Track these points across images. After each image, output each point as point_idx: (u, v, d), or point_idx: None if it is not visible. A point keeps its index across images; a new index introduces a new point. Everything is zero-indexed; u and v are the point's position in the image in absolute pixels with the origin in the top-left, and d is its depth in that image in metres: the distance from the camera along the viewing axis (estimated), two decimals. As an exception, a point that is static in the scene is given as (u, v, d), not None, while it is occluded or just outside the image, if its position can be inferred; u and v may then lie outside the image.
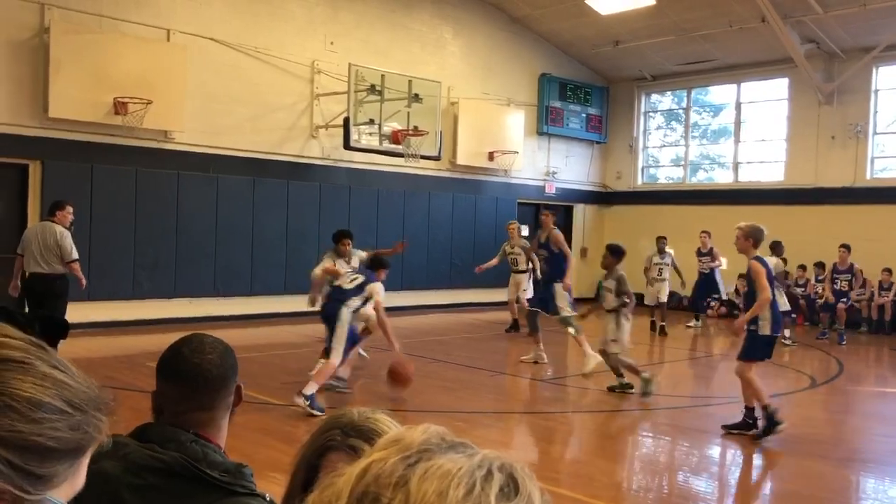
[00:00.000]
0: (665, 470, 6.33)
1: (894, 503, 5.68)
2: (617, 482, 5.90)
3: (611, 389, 8.38)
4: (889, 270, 14.85)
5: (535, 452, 6.52)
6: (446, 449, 0.59)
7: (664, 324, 13.58)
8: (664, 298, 13.88)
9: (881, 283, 14.90)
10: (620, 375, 8.36)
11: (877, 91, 16.03)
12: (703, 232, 14.87)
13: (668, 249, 14.20)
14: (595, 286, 17.66)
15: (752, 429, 6.77)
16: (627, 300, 8.25)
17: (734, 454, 6.91)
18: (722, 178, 18.74)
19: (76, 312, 10.25)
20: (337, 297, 7.56)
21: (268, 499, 1.69)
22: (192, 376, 1.81)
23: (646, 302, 13.80)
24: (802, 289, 15.84)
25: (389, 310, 13.58)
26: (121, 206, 12.05)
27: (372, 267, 7.94)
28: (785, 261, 13.37)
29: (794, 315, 15.67)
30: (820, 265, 15.57)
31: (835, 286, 13.75)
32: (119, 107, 11.58)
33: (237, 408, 1.98)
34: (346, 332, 7.31)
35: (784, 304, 13.05)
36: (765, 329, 6.71)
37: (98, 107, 11.50)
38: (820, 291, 15.53)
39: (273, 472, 4.12)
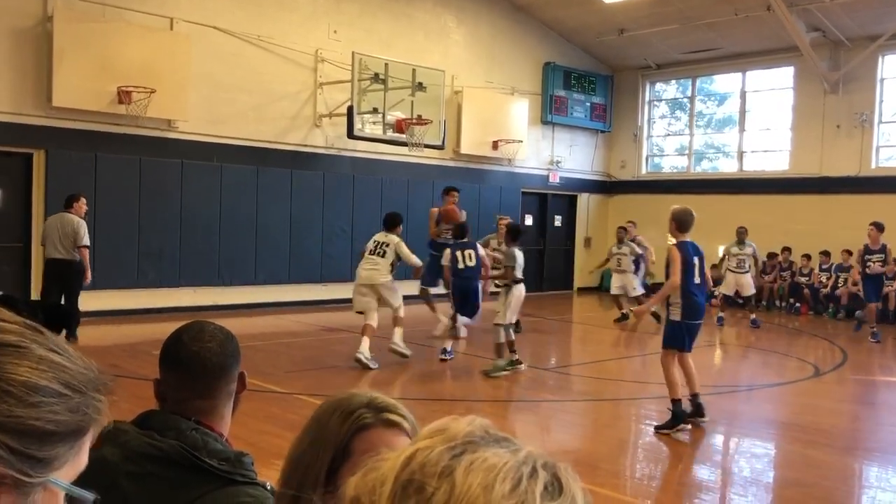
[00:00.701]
0: (667, 458, 6.34)
1: (897, 492, 5.69)
2: (619, 470, 5.92)
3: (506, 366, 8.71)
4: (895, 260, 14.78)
5: (535, 440, 6.54)
6: (490, 442, 0.59)
7: (624, 311, 13.33)
8: (615, 291, 13.55)
9: (885, 274, 14.84)
10: (512, 352, 8.74)
11: (882, 80, 15.94)
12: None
13: (630, 240, 13.82)
14: (598, 276, 17.67)
15: (700, 416, 6.73)
16: (507, 277, 8.84)
17: (737, 443, 6.92)
18: (726, 167, 18.69)
19: (80, 301, 10.29)
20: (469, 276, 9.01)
21: (268, 487, 1.69)
22: (192, 364, 1.80)
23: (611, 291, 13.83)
24: (806, 278, 15.83)
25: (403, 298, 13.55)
26: (125, 195, 12.06)
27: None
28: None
29: (798, 305, 15.70)
30: (825, 254, 15.55)
31: (866, 268, 12.48)
32: (123, 96, 11.57)
33: (241, 395, 1.97)
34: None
35: (731, 289, 13.33)
36: (674, 315, 6.60)
37: (102, 96, 11.50)
38: (824, 280, 15.54)
39: (277, 460, 4.13)
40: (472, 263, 8.92)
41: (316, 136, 14.29)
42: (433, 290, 10.74)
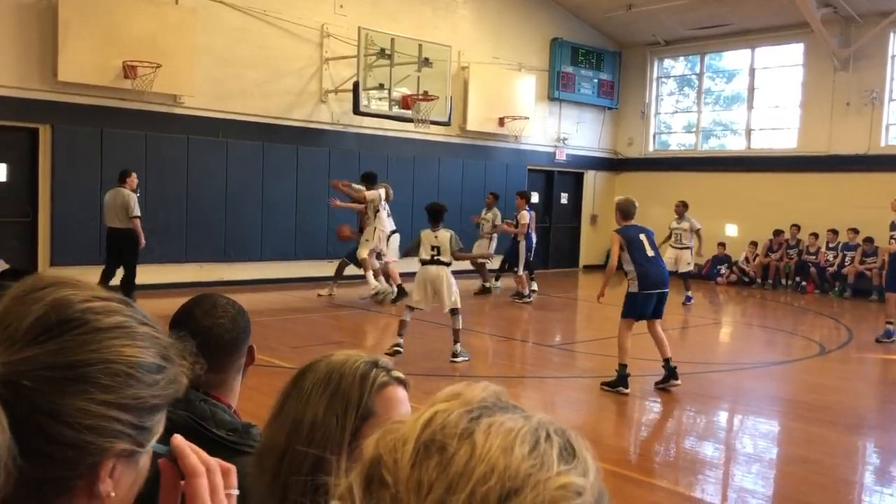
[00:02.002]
0: (671, 435, 6.37)
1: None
2: (623, 446, 5.95)
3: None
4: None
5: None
6: (504, 408, 0.62)
7: (485, 283, 13.24)
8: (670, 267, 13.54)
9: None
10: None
11: (894, 57, 15.77)
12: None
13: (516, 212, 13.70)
14: (604, 254, 17.64)
15: (673, 379, 7.17)
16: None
17: (741, 419, 6.95)
18: (734, 144, 18.58)
19: (87, 276, 10.31)
20: None
21: None
22: (203, 339, 1.81)
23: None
24: (814, 257, 15.79)
25: (403, 274, 13.60)
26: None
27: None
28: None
29: (804, 283, 15.67)
30: (833, 232, 15.49)
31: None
32: (128, 70, 11.53)
33: (249, 368, 1.98)
34: None
35: (678, 265, 13.00)
36: (632, 287, 7.25)
37: (107, 70, 11.46)
38: (830, 259, 15.50)
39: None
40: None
41: (322, 111, 14.23)
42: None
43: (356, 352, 1.36)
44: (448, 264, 8.04)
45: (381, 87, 13.49)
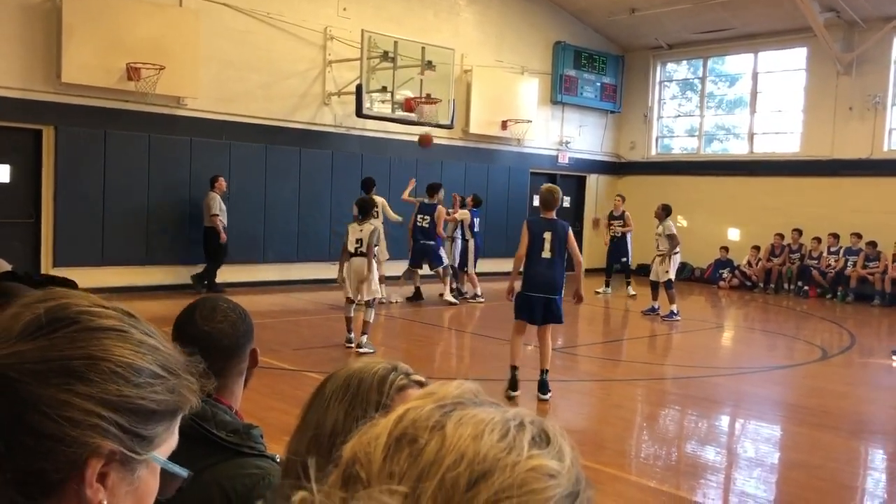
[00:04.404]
0: (673, 439, 6.37)
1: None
2: (625, 450, 5.94)
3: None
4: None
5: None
6: (479, 403, 0.63)
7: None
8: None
9: (895, 256, 14.78)
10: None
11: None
12: (618, 195, 15.36)
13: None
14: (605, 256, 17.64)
15: (541, 394, 6.87)
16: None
17: (742, 424, 6.94)
18: (737, 149, 18.57)
19: (90, 277, 10.36)
20: None
21: (277, 460, 1.70)
22: (203, 344, 1.81)
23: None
24: (816, 261, 15.77)
25: (396, 278, 13.60)
26: (134, 172, 12.08)
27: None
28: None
29: (806, 287, 15.65)
30: (834, 236, 15.48)
31: None
32: (132, 72, 11.55)
33: (253, 371, 1.98)
34: None
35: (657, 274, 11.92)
36: (518, 287, 6.99)
37: (111, 72, 11.48)
38: (832, 263, 15.48)
39: (285, 436, 4.16)
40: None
41: (325, 114, 14.25)
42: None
43: (376, 359, 1.37)
44: (366, 256, 8.38)
45: (383, 89, 13.50)
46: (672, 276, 11.99)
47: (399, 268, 13.19)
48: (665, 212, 12.12)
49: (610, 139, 19.73)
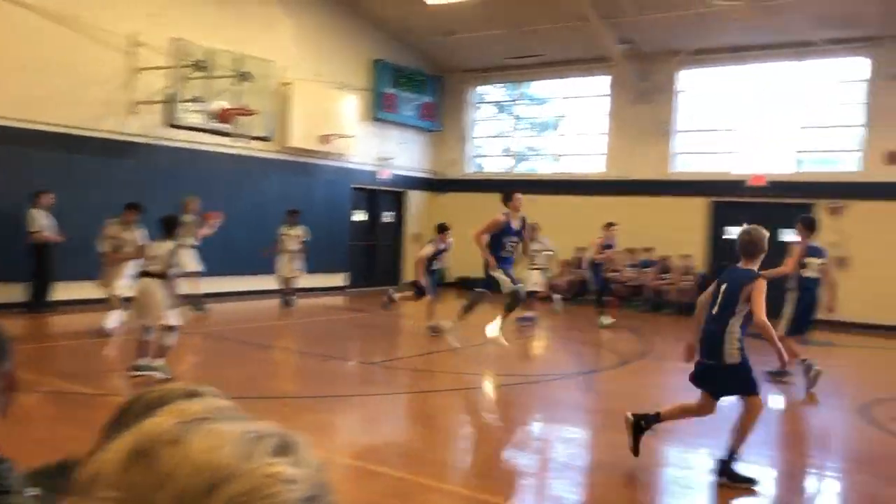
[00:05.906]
0: (489, 447, 6.57)
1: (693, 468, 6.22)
2: (442, 460, 6.06)
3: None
4: (690, 256, 16.38)
5: (361, 434, 6.57)
6: (223, 419, 0.62)
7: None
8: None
9: (683, 268, 16.29)
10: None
11: (679, 92, 17.44)
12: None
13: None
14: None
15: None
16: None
17: (554, 429, 7.30)
18: (547, 168, 19.67)
19: None
20: None
21: (32, 494, 1.56)
22: None
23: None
24: (617, 273, 16.98)
25: (216, 295, 13.14)
26: None
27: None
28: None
29: (607, 299, 16.76)
30: (630, 251, 16.86)
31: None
32: None
33: (11, 396, 1.82)
34: None
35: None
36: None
37: None
38: (630, 275, 16.78)
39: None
40: None
41: (132, 123, 13.48)
42: None
43: (176, 384, 1.30)
44: (162, 276, 7.89)
45: (196, 100, 13.01)
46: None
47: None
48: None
49: (430, 156, 20.20)
